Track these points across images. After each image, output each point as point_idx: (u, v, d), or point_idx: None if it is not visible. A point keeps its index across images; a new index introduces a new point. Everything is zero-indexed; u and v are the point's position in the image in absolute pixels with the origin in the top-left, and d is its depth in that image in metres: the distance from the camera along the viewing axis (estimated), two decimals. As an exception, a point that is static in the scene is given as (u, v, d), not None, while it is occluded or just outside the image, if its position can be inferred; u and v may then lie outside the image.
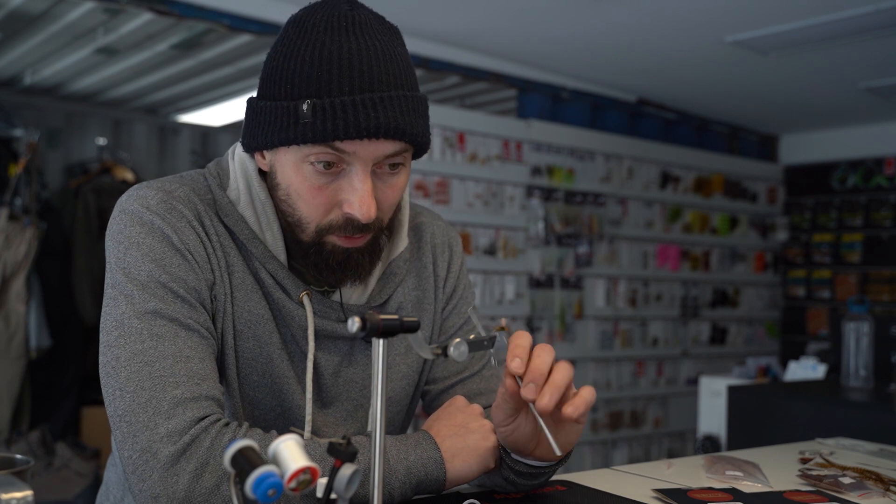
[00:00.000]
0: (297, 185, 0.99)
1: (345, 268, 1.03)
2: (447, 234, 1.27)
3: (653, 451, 4.94)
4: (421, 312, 1.20)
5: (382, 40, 0.98)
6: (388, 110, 0.95)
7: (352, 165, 0.97)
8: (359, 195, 0.97)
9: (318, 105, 0.94)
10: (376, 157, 0.97)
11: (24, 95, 4.84)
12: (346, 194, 0.98)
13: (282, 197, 1.02)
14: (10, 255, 3.83)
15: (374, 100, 0.95)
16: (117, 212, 1.03)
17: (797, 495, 1.14)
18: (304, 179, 0.99)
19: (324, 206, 1.00)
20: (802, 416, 2.47)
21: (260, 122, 1.00)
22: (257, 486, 0.62)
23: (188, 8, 3.37)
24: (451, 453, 1.01)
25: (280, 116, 0.97)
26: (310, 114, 0.94)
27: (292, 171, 0.99)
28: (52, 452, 3.78)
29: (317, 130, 0.94)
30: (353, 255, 1.02)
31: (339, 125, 0.94)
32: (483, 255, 4.10)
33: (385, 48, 0.98)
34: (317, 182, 0.98)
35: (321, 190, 0.99)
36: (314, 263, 1.03)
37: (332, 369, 1.11)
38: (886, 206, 5.42)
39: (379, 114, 0.95)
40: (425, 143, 1.02)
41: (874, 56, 3.96)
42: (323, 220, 1.00)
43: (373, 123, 0.94)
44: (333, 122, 0.94)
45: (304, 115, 0.95)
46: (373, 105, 0.95)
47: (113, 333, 0.97)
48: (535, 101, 4.50)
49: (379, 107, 0.95)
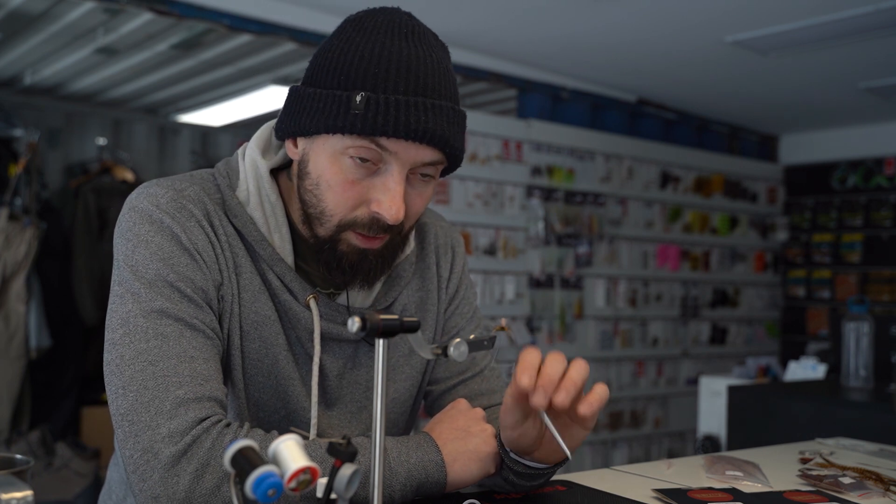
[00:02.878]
0: (330, 176, 0.99)
1: (356, 271, 1.02)
2: (450, 234, 1.27)
3: (653, 451, 4.94)
4: (424, 313, 1.20)
5: (437, 54, 1.00)
6: (438, 117, 0.96)
7: (389, 165, 0.98)
8: (390, 195, 0.97)
9: (373, 99, 0.95)
10: (415, 162, 0.98)
11: (24, 95, 4.84)
12: (378, 193, 0.98)
13: (308, 186, 1.02)
14: (10, 255, 3.83)
15: (426, 104, 0.96)
16: (127, 209, 1.03)
17: (797, 495, 1.14)
18: (340, 171, 0.98)
19: (352, 202, 0.99)
20: (802, 416, 2.47)
21: (305, 107, 1.00)
22: (257, 486, 0.62)
23: (188, 8, 3.37)
24: (452, 457, 1.01)
25: (330, 104, 0.97)
26: (363, 106, 0.95)
27: (328, 161, 0.99)
28: (52, 452, 3.78)
29: (367, 123, 0.94)
30: (367, 257, 1.02)
31: (390, 122, 0.94)
32: (483, 255, 4.10)
33: (440, 60, 1.00)
34: (352, 176, 0.98)
35: (353, 185, 0.98)
36: (325, 261, 1.02)
37: (336, 371, 1.11)
38: (886, 206, 5.42)
39: (429, 119, 0.95)
40: (459, 159, 1.03)
41: (874, 56, 3.96)
42: (348, 215, 1.00)
43: (422, 127, 0.95)
44: (385, 117, 0.94)
45: (356, 106, 0.95)
46: (424, 109, 0.95)
47: (118, 331, 0.97)
48: (535, 101, 4.50)
49: (430, 112, 0.96)
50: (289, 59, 4.07)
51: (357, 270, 1.02)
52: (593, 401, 0.93)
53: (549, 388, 0.91)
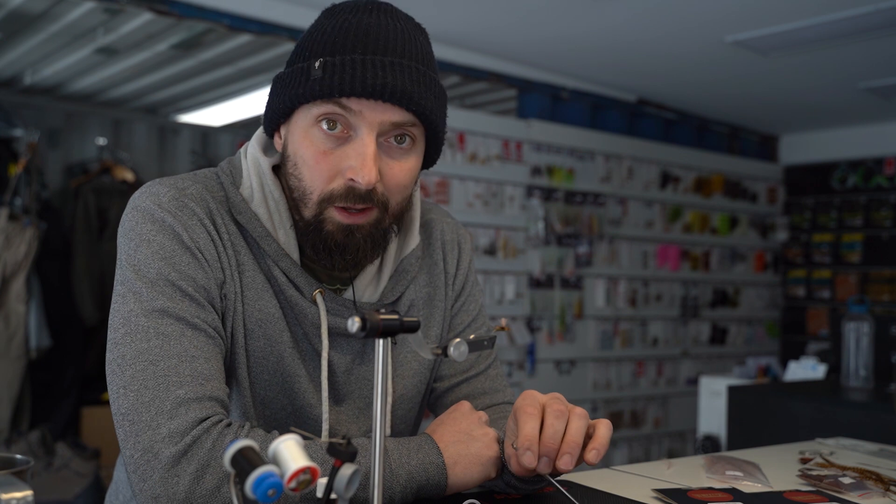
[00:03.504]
0: (304, 151, 1.00)
1: (343, 250, 1.01)
2: (456, 231, 1.27)
3: (653, 451, 4.94)
4: (432, 309, 1.20)
5: (406, 25, 1.02)
6: (398, 75, 0.97)
7: (357, 130, 0.98)
8: (361, 159, 0.97)
9: (329, 62, 0.97)
10: (382, 123, 0.98)
11: (24, 95, 4.84)
12: (350, 160, 0.99)
13: (290, 170, 1.03)
14: (10, 255, 3.82)
15: (384, 62, 0.97)
16: (130, 208, 1.03)
17: (797, 495, 1.14)
18: (311, 144, 1.00)
19: (327, 172, 1.00)
20: (802, 416, 2.47)
21: (278, 90, 1.03)
22: (257, 486, 0.62)
23: (188, 8, 3.36)
24: (453, 460, 1.01)
25: (294, 78, 1.00)
26: (320, 71, 0.97)
27: (301, 136, 1.01)
28: (52, 452, 3.78)
29: (325, 85, 0.96)
30: (353, 234, 1.01)
31: (346, 80, 0.95)
32: (483, 255, 4.10)
33: (405, 29, 1.01)
34: (323, 146, 0.99)
35: (326, 155, 0.99)
36: (312, 243, 1.03)
37: (344, 367, 1.11)
38: (886, 206, 5.42)
39: (387, 74, 0.96)
40: (437, 125, 1.03)
41: (874, 56, 3.96)
42: (325, 188, 1.00)
43: (379, 82, 0.95)
44: (341, 76, 0.96)
45: (315, 73, 0.97)
46: (382, 66, 0.96)
47: (120, 331, 0.97)
48: (535, 101, 4.50)
49: (388, 69, 0.97)
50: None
51: (344, 249, 1.01)
52: (600, 448, 0.97)
53: (552, 455, 0.95)
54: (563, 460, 0.94)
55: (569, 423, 0.96)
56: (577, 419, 0.97)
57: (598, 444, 0.96)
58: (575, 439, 0.95)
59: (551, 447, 0.95)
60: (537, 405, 0.98)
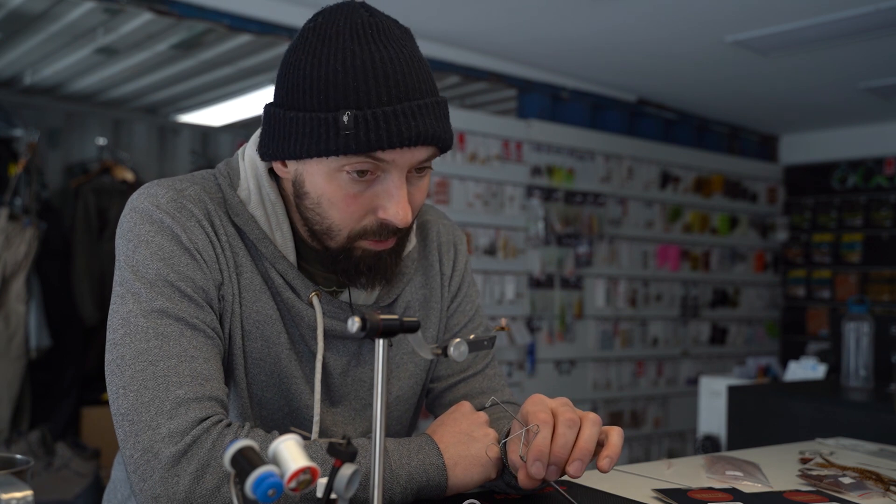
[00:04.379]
0: (331, 194, 0.99)
1: (375, 271, 1.04)
2: (452, 232, 1.27)
3: (653, 451, 4.94)
4: (428, 311, 1.20)
5: (407, 47, 0.99)
6: (426, 118, 0.96)
7: (387, 173, 0.98)
8: (395, 201, 0.98)
9: (360, 116, 0.94)
10: (411, 164, 0.98)
11: (24, 95, 4.84)
12: (382, 200, 0.98)
13: (309, 205, 1.01)
14: (10, 255, 3.82)
15: (412, 108, 0.96)
16: (128, 209, 1.03)
17: (797, 495, 1.14)
18: (339, 188, 0.98)
19: (358, 214, 1.00)
20: (802, 416, 2.47)
21: (291, 132, 0.98)
22: (257, 486, 0.62)
23: (188, 8, 3.36)
24: (453, 461, 1.01)
25: (317, 127, 0.95)
26: (352, 125, 0.94)
27: (325, 180, 0.98)
28: (52, 452, 3.78)
29: (360, 141, 0.94)
30: (383, 257, 1.03)
31: (383, 136, 0.94)
32: (483, 255, 4.10)
33: (411, 55, 0.99)
34: (352, 190, 0.98)
35: (356, 198, 0.99)
36: (343, 269, 1.04)
37: (340, 369, 1.11)
38: (886, 206, 5.42)
39: (418, 122, 0.95)
40: (451, 144, 1.04)
41: (874, 56, 3.96)
42: (356, 226, 1.00)
43: (413, 132, 0.95)
44: (377, 132, 0.94)
45: (345, 127, 0.94)
46: (412, 114, 0.95)
47: (119, 331, 0.97)
48: (535, 101, 4.50)
49: (417, 115, 0.96)
50: (289, 59, 4.06)
51: (375, 271, 1.04)
52: (612, 455, 0.97)
53: (561, 464, 0.95)
54: (573, 466, 0.95)
55: (581, 429, 0.97)
56: (589, 426, 0.97)
57: (612, 452, 0.96)
58: (587, 446, 0.95)
59: (561, 457, 0.95)
60: (549, 412, 0.97)
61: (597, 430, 0.97)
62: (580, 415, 0.98)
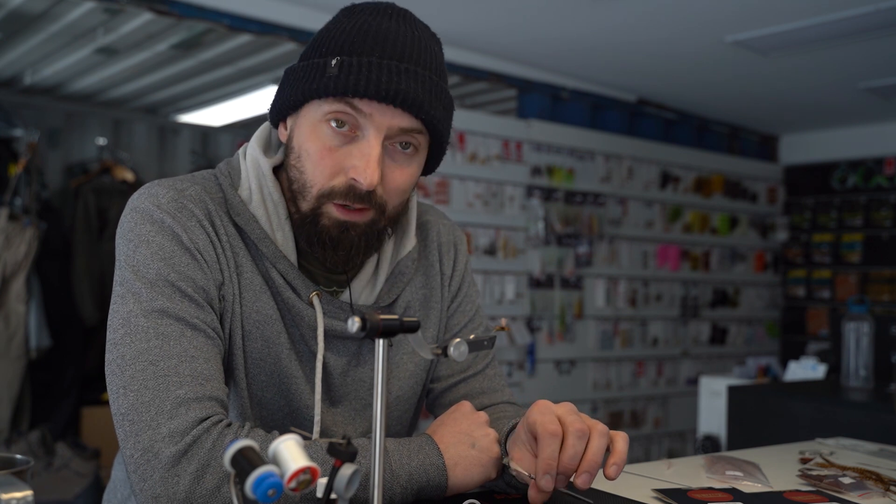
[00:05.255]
0: (310, 145, 1.01)
1: (336, 245, 1.02)
2: (452, 232, 1.27)
3: (653, 451, 4.94)
4: (428, 311, 1.20)
5: (423, 33, 1.04)
6: (411, 82, 0.98)
7: (365, 131, 0.99)
8: (365, 159, 0.98)
9: (346, 62, 0.97)
10: (390, 127, 0.99)
11: (24, 95, 4.84)
12: (354, 159, 0.99)
13: (293, 161, 1.04)
14: (10, 255, 3.82)
15: (399, 68, 0.98)
16: (128, 209, 1.03)
17: (797, 495, 1.14)
18: (318, 139, 1.00)
19: (330, 169, 1.00)
20: (802, 416, 2.47)
21: (289, 81, 1.04)
22: (257, 486, 0.62)
23: (188, 8, 3.36)
24: (454, 461, 1.01)
25: (308, 72, 1.00)
26: (336, 69, 0.97)
27: (308, 130, 1.01)
28: (52, 452, 3.78)
29: (339, 83, 0.97)
30: (348, 231, 1.02)
31: (362, 81, 0.96)
32: (483, 255, 4.10)
33: (422, 38, 1.03)
34: (329, 142, 1.00)
35: (331, 152, 1.00)
36: (307, 236, 1.04)
37: (340, 369, 1.11)
38: (886, 206, 5.42)
39: (401, 81, 0.97)
40: (443, 134, 1.05)
41: (874, 56, 3.96)
42: (326, 184, 1.01)
43: (393, 87, 0.96)
44: (357, 76, 0.97)
45: (330, 70, 0.98)
46: (397, 72, 0.97)
47: (119, 331, 0.97)
48: (535, 101, 4.50)
49: (403, 75, 0.98)
50: (289, 59, 4.06)
51: (338, 245, 1.02)
52: (619, 462, 0.96)
53: (570, 473, 0.95)
54: (581, 479, 0.94)
55: (589, 440, 0.95)
56: (598, 437, 0.95)
57: (618, 460, 0.96)
58: (595, 459, 0.94)
59: (570, 468, 0.94)
60: (557, 423, 0.95)
61: (605, 441, 0.95)
62: (589, 424, 0.96)
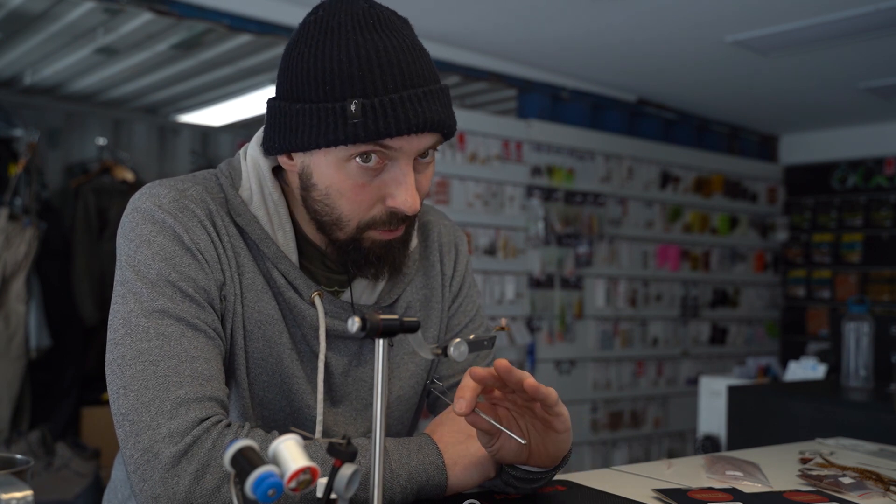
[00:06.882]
0: (339, 184, 0.99)
1: (383, 261, 1.04)
2: (453, 233, 1.28)
3: (653, 451, 4.94)
4: (429, 311, 1.20)
5: (408, 35, 1.01)
6: (431, 105, 0.98)
7: (395, 161, 0.99)
8: (403, 188, 0.99)
9: (368, 104, 0.95)
10: (418, 151, 0.99)
11: (24, 95, 4.84)
12: (391, 188, 0.99)
13: (318, 197, 1.02)
14: (10, 255, 3.82)
15: (418, 95, 0.97)
16: (130, 209, 1.03)
17: (797, 495, 1.14)
18: (348, 178, 0.99)
19: (367, 203, 1.00)
20: (802, 416, 2.47)
21: (297, 124, 0.98)
22: (257, 486, 0.62)
23: (188, 8, 3.36)
24: (453, 460, 1.01)
25: (325, 118, 0.96)
26: (360, 113, 0.94)
27: (333, 170, 0.99)
28: (52, 452, 3.78)
29: (369, 129, 0.94)
30: (392, 246, 1.04)
31: (391, 123, 0.95)
32: (483, 255, 4.10)
33: (412, 43, 1.00)
34: (361, 179, 0.99)
35: (364, 187, 0.99)
36: (353, 261, 1.04)
37: (341, 368, 1.11)
38: (886, 206, 5.42)
39: (424, 109, 0.96)
40: (455, 132, 1.05)
41: (874, 56, 3.96)
42: (365, 216, 1.01)
43: (420, 119, 0.96)
44: (385, 120, 0.94)
45: (352, 115, 0.95)
46: (418, 100, 0.96)
47: (120, 331, 0.97)
48: (535, 101, 4.49)
49: (423, 102, 0.97)
50: (289, 59, 4.06)
51: (384, 261, 1.05)
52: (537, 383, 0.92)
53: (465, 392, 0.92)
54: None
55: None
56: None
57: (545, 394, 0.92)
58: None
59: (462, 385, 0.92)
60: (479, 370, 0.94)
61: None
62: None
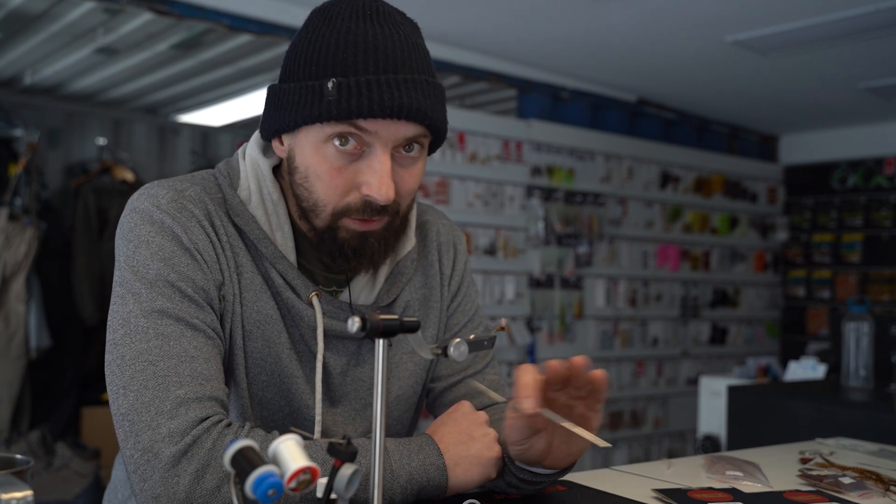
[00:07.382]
0: (317, 166, 1.00)
1: (359, 254, 1.03)
2: (452, 232, 1.27)
3: (653, 451, 4.94)
4: (427, 311, 1.20)
5: (405, 30, 1.01)
6: (411, 92, 0.97)
7: (372, 147, 0.98)
8: (377, 176, 0.98)
9: (344, 83, 0.95)
10: (396, 139, 0.98)
11: (24, 95, 4.84)
12: (365, 176, 0.99)
13: (299, 181, 1.02)
14: (10, 255, 3.82)
15: (397, 80, 0.96)
16: (128, 210, 1.03)
17: (797, 495, 1.14)
18: (325, 160, 0.99)
19: (342, 188, 1.00)
20: (802, 416, 2.47)
21: (283, 103, 1.01)
22: (257, 486, 0.62)
23: (188, 8, 3.36)
24: (454, 461, 1.01)
25: (305, 95, 0.98)
26: (335, 92, 0.95)
27: (312, 151, 1.00)
28: (52, 452, 3.78)
29: (342, 108, 0.95)
30: (368, 240, 1.02)
31: (364, 103, 0.95)
32: (483, 255, 4.10)
33: (408, 36, 1.00)
34: (337, 163, 0.99)
35: (340, 171, 0.99)
36: (328, 250, 1.03)
37: (340, 369, 1.11)
38: (886, 206, 5.42)
39: (402, 94, 0.96)
40: (443, 131, 1.04)
41: (874, 56, 3.96)
42: (340, 202, 1.00)
43: (396, 103, 0.95)
44: (358, 99, 0.95)
45: (329, 93, 0.96)
46: (396, 85, 0.96)
47: (119, 331, 0.97)
48: (535, 101, 4.49)
49: (402, 87, 0.96)
50: (289, 59, 4.06)
51: (360, 254, 1.03)
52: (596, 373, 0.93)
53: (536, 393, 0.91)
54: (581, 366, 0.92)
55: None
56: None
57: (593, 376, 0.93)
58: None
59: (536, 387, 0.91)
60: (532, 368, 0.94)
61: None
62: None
